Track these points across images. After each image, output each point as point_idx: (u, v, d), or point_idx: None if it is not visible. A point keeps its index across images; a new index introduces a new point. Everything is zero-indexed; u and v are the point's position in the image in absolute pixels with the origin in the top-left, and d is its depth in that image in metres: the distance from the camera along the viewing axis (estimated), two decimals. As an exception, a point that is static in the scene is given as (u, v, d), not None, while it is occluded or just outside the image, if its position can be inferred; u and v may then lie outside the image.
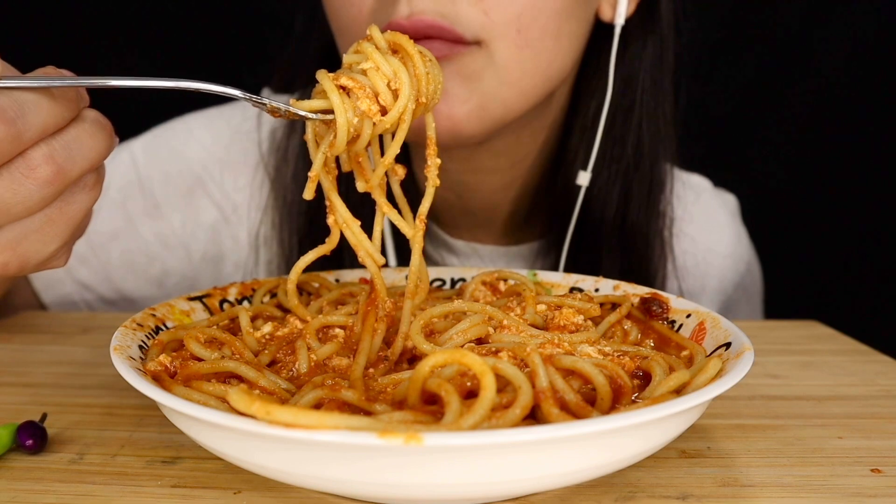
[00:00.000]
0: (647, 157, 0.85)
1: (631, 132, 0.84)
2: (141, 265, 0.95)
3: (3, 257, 0.46)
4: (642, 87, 0.83)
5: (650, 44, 0.83)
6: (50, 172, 0.44)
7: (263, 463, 0.38)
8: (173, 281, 0.96)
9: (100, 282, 0.95)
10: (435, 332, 0.53)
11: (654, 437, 0.40)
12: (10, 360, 0.69)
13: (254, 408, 0.36)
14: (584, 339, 0.51)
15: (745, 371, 0.43)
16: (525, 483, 0.38)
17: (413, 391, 0.41)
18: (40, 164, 0.43)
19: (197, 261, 0.96)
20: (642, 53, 0.83)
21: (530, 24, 0.69)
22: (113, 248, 0.94)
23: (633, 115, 0.84)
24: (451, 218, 0.93)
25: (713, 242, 1.02)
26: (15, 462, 0.48)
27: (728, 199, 1.08)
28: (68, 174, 0.45)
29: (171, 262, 0.95)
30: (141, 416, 0.55)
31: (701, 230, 0.99)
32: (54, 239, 0.47)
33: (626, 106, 0.84)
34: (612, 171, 0.84)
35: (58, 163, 0.44)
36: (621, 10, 0.79)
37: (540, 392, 0.41)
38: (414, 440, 0.33)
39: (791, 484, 0.45)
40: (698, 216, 0.99)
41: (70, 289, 0.94)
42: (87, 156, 0.46)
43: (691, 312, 0.57)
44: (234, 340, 0.52)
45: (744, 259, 1.05)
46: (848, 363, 0.69)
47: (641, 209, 0.86)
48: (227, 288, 0.65)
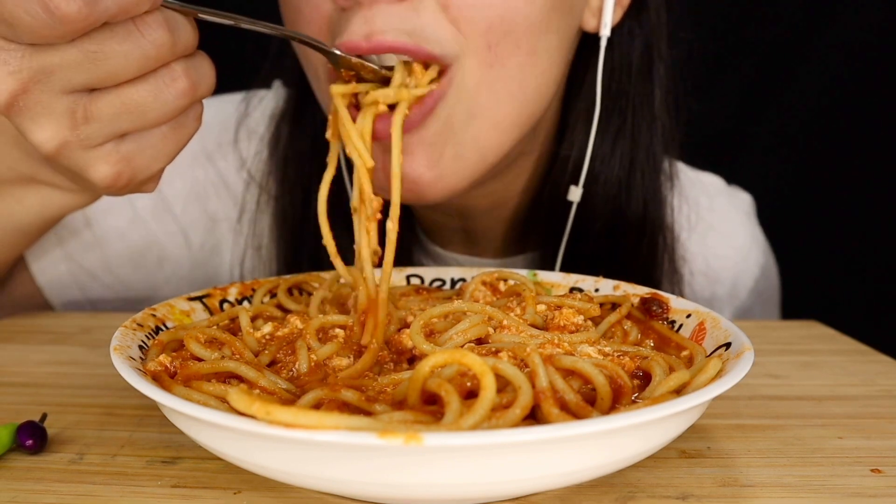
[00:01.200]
0: (640, 170, 0.81)
1: (620, 146, 0.80)
2: (138, 247, 0.92)
3: (119, 167, 0.50)
4: (633, 100, 0.80)
5: (637, 53, 0.79)
6: (187, 85, 0.49)
7: (263, 463, 0.38)
8: (170, 269, 0.94)
9: (95, 262, 0.92)
10: (435, 332, 0.53)
11: (654, 437, 0.40)
12: (10, 360, 0.69)
13: (254, 408, 0.36)
14: (584, 340, 0.51)
15: (745, 371, 0.43)
16: (525, 483, 0.38)
17: (413, 391, 0.41)
18: (180, 76, 0.49)
19: (196, 249, 0.94)
20: (630, 64, 0.79)
21: (501, 40, 0.62)
22: (108, 222, 0.91)
23: (624, 129, 0.80)
24: (445, 235, 0.92)
25: (725, 248, 0.98)
26: (15, 462, 0.48)
27: (743, 198, 1.04)
28: (198, 91, 0.50)
29: (169, 248, 0.93)
30: (141, 416, 0.55)
31: (713, 235, 0.96)
32: (162, 158, 0.52)
33: (616, 119, 0.80)
34: (605, 186, 0.81)
35: (192, 79, 0.49)
36: (607, 19, 0.73)
37: (540, 392, 0.41)
38: (414, 440, 0.33)
39: (791, 484, 0.45)
40: (711, 221, 0.96)
41: (63, 268, 0.91)
42: (209, 81, 0.51)
43: (691, 312, 0.57)
44: (234, 340, 0.52)
45: (759, 263, 1.01)
46: (848, 363, 0.69)
47: (636, 223, 0.83)
48: (227, 288, 0.65)
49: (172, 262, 0.95)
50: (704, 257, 0.95)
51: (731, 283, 0.99)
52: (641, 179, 0.82)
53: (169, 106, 0.49)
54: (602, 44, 0.75)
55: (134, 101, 0.48)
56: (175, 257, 0.95)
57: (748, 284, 1.01)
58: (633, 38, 0.79)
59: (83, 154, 0.49)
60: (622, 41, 0.79)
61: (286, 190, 0.88)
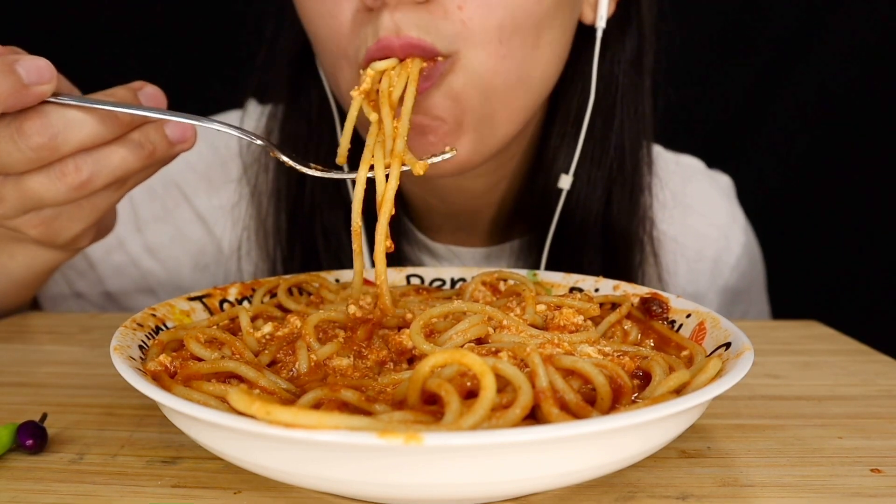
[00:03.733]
0: (629, 160, 0.84)
1: (612, 133, 0.83)
2: (134, 278, 0.98)
3: (40, 230, 0.60)
4: (622, 89, 0.82)
5: (629, 44, 0.82)
6: (77, 181, 0.55)
7: (263, 463, 0.38)
8: (167, 291, 0.98)
9: (97, 295, 0.98)
10: (435, 332, 0.53)
11: (654, 437, 0.40)
12: (10, 360, 0.69)
13: (254, 408, 0.36)
14: (584, 339, 0.51)
15: (745, 371, 0.43)
16: (525, 483, 0.38)
17: (413, 391, 0.41)
18: (70, 173, 0.54)
19: (187, 272, 0.98)
20: (621, 56, 0.82)
21: (512, 36, 0.66)
22: (107, 265, 0.97)
23: (614, 117, 0.83)
24: (434, 221, 0.93)
25: (705, 226, 1.00)
26: (15, 462, 0.48)
27: (722, 179, 1.06)
28: (93, 183, 0.55)
29: (162, 274, 0.98)
30: (141, 416, 0.55)
31: (693, 215, 0.98)
32: (80, 222, 0.60)
33: (606, 107, 0.83)
34: (594, 175, 0.84)
35: (84, 174, 0.55)
36: (602, 12, 0.77)
37: (540, 392, 0.41)
38: (414, 440, 0.33)
39: (791, 484, 0.45)
40: (691, 201, 0.98)
41: (70, 302, 0.98)
42: (114, 172, 0.56)
43: (691, 312, 0.57)
44: (234, 340, 0.52)
45: (740, 241, 1.03)
46: (848, 363, 0.69)
47: (623, 209, 0.85)
48: (227, 288, 0.65)
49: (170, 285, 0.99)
50: (684, 236, 0.97)
51: (712, 260, 1.01)
52: (629, 166, 0.85)
53: (63, 195, 0.55)
54: (598, 35, 0.79)
55: (31, 189, 0.55)
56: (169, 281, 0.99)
57: (730, 261, 1.02)
58: (625, 31, 0.82)
59: (9, 223, 0.59)
60: (615, 33, 0.82)
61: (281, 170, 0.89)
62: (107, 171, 0.56)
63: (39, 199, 0.55)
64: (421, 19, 0.63)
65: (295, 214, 0.88)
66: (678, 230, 0.95)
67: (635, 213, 0.86)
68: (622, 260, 0.87)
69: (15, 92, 0.50)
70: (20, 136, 0.52)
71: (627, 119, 0.83)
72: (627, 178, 0.85)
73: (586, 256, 0.85)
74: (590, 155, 0.83)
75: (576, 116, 0.82)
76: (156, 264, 0.97)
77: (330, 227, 0.87)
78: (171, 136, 0.59)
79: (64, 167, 0.54)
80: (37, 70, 0.51)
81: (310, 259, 0.88)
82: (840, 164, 1.55)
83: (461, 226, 0.93)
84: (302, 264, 0.88)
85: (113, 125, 0.55)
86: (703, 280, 1.00)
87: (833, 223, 1.54)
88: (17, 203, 0.56)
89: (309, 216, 0.87)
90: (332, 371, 0.50)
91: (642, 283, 0.87)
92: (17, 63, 0.51)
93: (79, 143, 0.53)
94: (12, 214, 0.58)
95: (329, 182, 0.85)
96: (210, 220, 0.97)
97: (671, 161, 1.00)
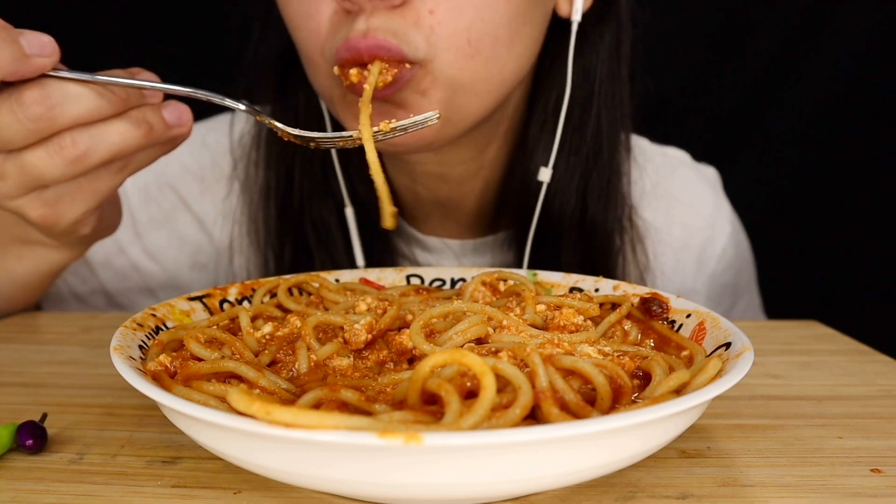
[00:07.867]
0: (606, 147, 0.85)
1: (589, 123, 0.84)
2: (135, 281, 0.99)
3: (42, 212, 0.59)
4: (599, 78, 0.83)
5: (607, 36, 0.83)
6: (73, 154, 0.54)
7: (263, 463, 0.38)
8: (167, 292, 0.99)
9: (98, 297, 0.99)
10: (434, 332, 0.53)
11: (654, 437, 0.40)
12: (10, 360, 0.69)
13: (254, 408, 0.36)
14: (584, 339, 0.51)
15: (745, 371, 0.43)
16: (525, 483, 0.38)
17: (413, 391, 0.41)
18: (67, 146, 0.54)
19: (186, 271, 0.99)
20: (599, 46, 0.83)
21: (481, 37, 0.67)
22: (108, 270, 0.98)
23: (591, 107, 0.84)
24: (422, 211, 0.94)
25: (690, 217, 1.00)
26: (15, 462, 0.48)
27: (707, 171, 1.06)
28: (89, 158, 0.55)
29: (161, 275, 0.99)
30: (141, 416, 0.55)
31: (678, 206, 0.98)
32: (82, 204, 0.60)
33: (583, 97, 0.83)
34: (572, 163, 0.84)
35: (80, 148, 0.54)
36: (578, 6, 0.78)
37: (540, 392, 0.41)
38: (414, 440, 0.33)
39: (791, 484, 0.45)
40: (675, 192, 0.98)
41: (70, 303, 1.00)
42: (111, 148, 0.56)
43: (691, 312, 0.57)
44: (234, 340, 0.52)
45: (725, 232, 1.02)
46: (848, 363, 0.69)
47: (601, 199, 0.86)
48: (227, 288, 0.65)
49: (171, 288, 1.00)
50: (669, 226, 0.97)
51: (697, 250, 1.00)
52: (607, 152, 0.85)
53: (61, 170, 0.55)
54: (573, 28, 0.79)
55: (30, 165, 0.55)
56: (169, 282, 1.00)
57: (716, 251, 1.01)
58: (603, 20, 0.83)
59: (11, 203, 0.58)
60: (593, 22, 0.82)
61: (270, 165, 0.90)
62: (104, 147, 0.56)
63: (39, 175, 0.55)
64: (394, 24, 0.65)
65: (284, 208, 0.89)
66: (663, 220, 0.96)
67: (612, 197, 0.87)
68: (601, 246, 0.87)
69: (15, 60, 0.51)
70: (19, 105, 0.52)
71: (605, 107, 0.84)
72: (605, 164, 0.85)
73: (566, 242, 0.86)
74: (568, 143, 0.84)
75: (554, 105, 0.83)
76: (155, 266, 0.98)
77: (319, 220, 0.88)
78: (168, 119, 0.59)
79: (61, 140, 0.54)
80: (39, 43, 0.52)
81: (300, 252, 0.88)
82: (840, 163, 1.55)
83: (448, 214, 0.94)
84: (293, 257, 0.89)
85: (111, 102, 0.55)
86: (688, 270, 1.00)
87: (833, 223, 1.54)
88: (18, 181, 0.56)
89: (299, 209, 0.88)
90: (332, 371, 0.50)
91: (623, 269, 0.88)
92: (19, 35, 0.51)
93: (77, 115, 0.54)
94: (14, 193, 0.57)
95: (318, 175, 0.87)
96: (205, 219, 0.97)
97: (657, 153, 1.01)
